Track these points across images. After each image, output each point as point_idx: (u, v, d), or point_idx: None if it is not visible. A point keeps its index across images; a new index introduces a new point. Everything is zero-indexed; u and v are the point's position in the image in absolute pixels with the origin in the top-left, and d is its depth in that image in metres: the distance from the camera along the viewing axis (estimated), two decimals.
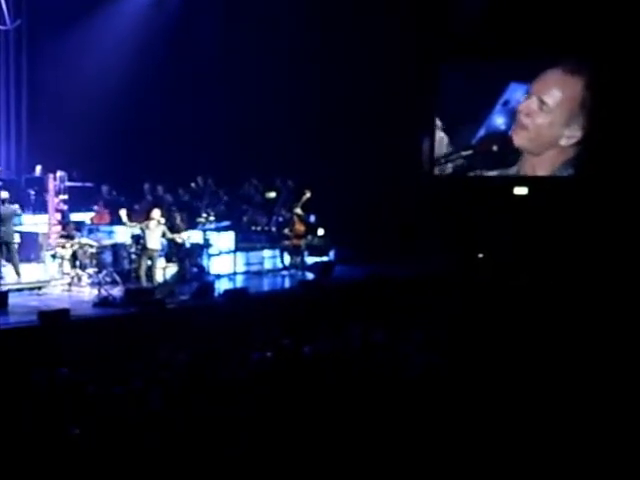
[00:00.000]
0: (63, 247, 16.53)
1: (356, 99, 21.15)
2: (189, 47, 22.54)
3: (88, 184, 19.91)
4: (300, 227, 19.32)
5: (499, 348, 11.71)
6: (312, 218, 19.98)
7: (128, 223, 16.52)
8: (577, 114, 20.97)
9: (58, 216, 17.75)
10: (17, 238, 16.22)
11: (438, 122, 22.19)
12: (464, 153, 21.95)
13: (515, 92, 21.49)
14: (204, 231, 18.22)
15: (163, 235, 16.32)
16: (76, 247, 16.46)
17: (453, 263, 19.50)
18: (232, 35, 22.21)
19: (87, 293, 15.80)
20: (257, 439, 8.35)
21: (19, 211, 16.92)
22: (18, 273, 15.92)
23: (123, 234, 17.67)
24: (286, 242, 19.38)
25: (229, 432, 8.42)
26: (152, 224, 16.12)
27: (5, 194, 16.24)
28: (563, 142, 21.22)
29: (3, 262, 15.96)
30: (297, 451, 8.21)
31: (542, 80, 21.28)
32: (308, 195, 19.19)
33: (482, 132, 21.91)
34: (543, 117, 21.26)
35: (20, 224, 17.47)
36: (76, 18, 21.50)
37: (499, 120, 21.72)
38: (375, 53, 20.86)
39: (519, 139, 21.55)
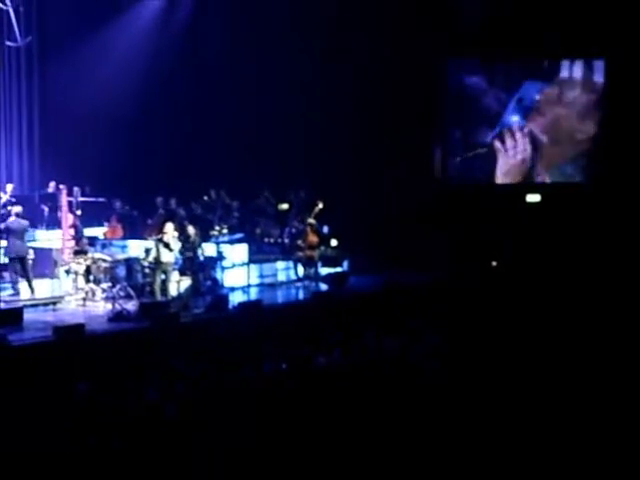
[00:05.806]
0: (77, 262, 16.58)
1: (367, 108, 21.11)
2: (199, 59, 22.57)
3: (100, 199, 19.94)
4: (313, 238, 19.27)
5: (514, 355, 11.67)
6: (325, 229, 19.95)
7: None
8: (593, 111, 21.38)
9: (71, 231, 17.80)
10: (31, 253, 16.34)
11: (452, 122, 22.26)
12: (480, 150, 21.98)
13: (530, 89, 21.63)
14: (217, 244, 18.23)
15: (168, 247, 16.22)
16: (90, 262, 16.49)
17: (466, 271, 19.44)
18: (242, 47, 22.23)
19: (101, 308, 15.81)
20: (271, 450, 8.34)
21: (29, 227, 16.94)
22: (32, 289, 15.99)
23: (136, 248, 17.70)
24: (299, 253, 19.34)
25: (243, 443, 8.42)
26: (165, 238, 16.14)
27: (18, 208, 16.35)
28: (578, 136, 21.49)
29: (18, 278, 16.04)
30: (310, 461, 8.19)
31: (562, 73, 21.64)
32: (320, 206, 19.18)
33: (497, 130, 21.98)
34: (561, 109, 21.61)
35: (33, 240, 17.52)
36: (86, 34, 21.60)
37: (514, 118, 21.81)
38: (385, 60, 20.84)
39: (535, 126, 21.86)
